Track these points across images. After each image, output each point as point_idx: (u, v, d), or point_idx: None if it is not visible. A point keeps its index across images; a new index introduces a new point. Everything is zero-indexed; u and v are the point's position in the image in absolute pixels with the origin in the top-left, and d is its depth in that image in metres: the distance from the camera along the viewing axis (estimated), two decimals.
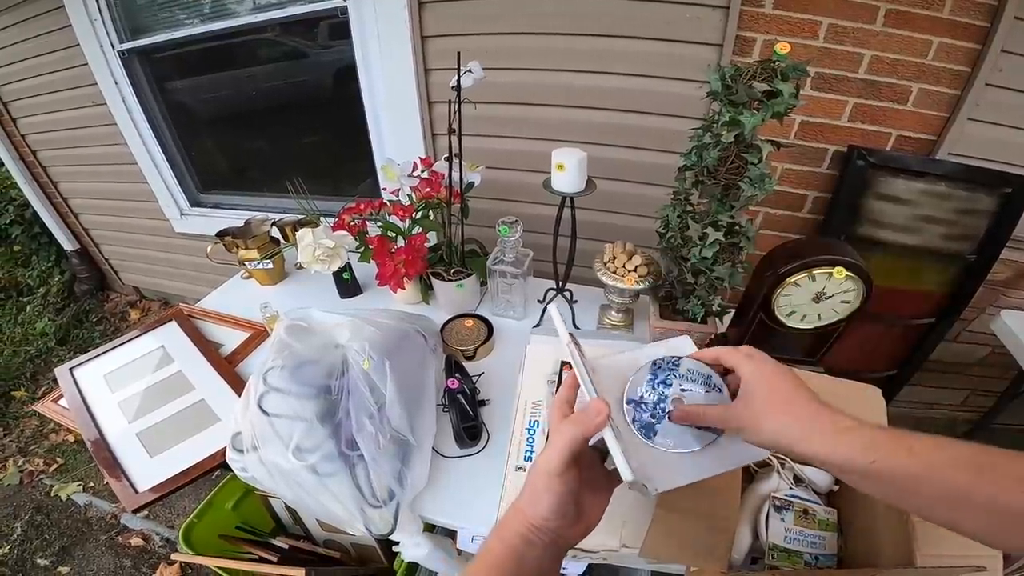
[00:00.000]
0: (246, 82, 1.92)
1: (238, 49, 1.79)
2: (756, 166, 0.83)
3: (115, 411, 1.01)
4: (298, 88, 1.85)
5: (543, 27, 1.28)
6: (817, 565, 0.74)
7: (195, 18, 1.75)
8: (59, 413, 1.07)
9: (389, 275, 1.09)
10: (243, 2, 1.65)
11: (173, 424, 0.98)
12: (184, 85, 2.03)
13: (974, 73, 1.12)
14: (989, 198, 1.23)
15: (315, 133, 1.94)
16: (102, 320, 2.86)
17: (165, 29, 1.80)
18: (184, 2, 1.74)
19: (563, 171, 0.94)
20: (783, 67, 0.75)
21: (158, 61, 1.94)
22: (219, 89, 1.99)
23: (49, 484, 1.92)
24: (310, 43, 1.69)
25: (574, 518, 0.47)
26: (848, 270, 0.83)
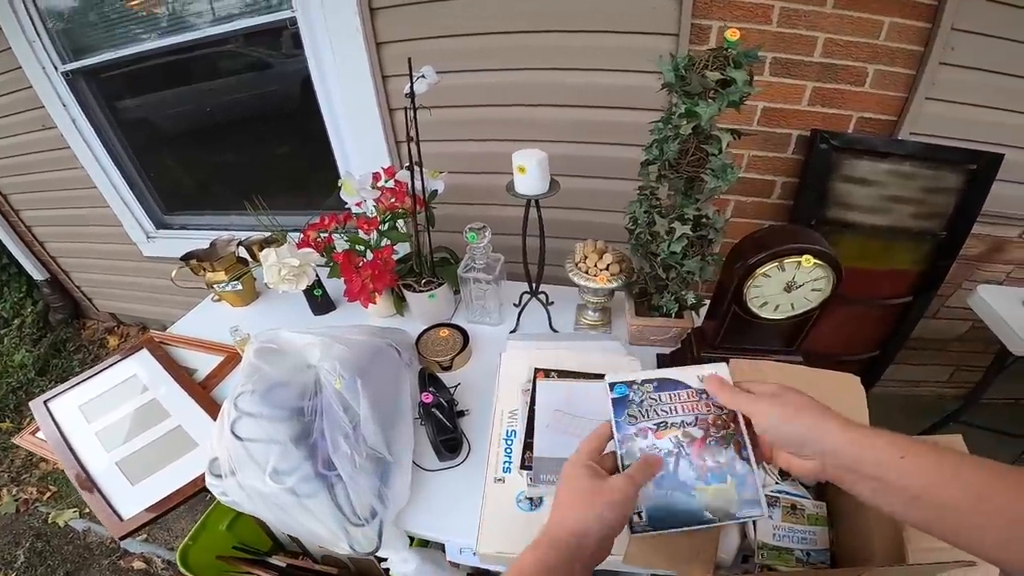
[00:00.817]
0: (206, 96, 1.86)
1: (195, 63, 1.73)
2: (717, 157, 0.83)
3: (93, 441, 1.00)
4: (262, 100, 1.80)
5: (499, 27, 1.26)
6: (809, 561, 0.73)
7: (140, 36, 1.70)
8: (38, 446, 1.06)
9: (357, 291, 1.06)
10: (193, 16, 1.60)
11: (152, 452, 0.98)
12: (138, 103, 1.96)
13: (927, 52, 1.13)
14: (954, 175, 1.24)
15: (281, 145, 1.90)
16: (80, 348, 2.82)
17: (109, 48, 1.74)
18: (127, 20, 1.69)
19: (524, 173, 0.92)
20: (734, 54, 0.74)
21: (107, 80, 1.87)
22: (177, 105, 1.93)
23: (45, 511, 1.93)
24: (274, 53, 1.64)
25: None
26: (816, 258, 0.82)
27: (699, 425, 0.57)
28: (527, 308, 1.23)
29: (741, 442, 0.56)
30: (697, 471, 0.55)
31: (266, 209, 1.34)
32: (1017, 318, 1.30)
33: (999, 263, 1.52)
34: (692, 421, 0.57)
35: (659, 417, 0.58)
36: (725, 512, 0.53)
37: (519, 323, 1.21)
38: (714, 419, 0.57)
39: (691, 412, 0.57)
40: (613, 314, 1.22)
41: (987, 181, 1.22)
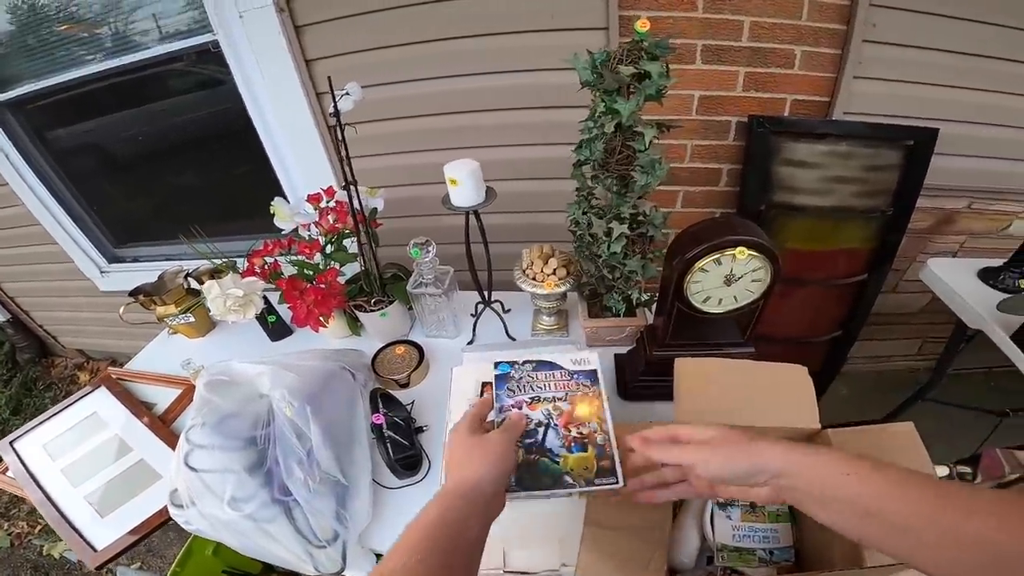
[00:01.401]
0: (150, 120, 1.78)
1: (129, 87, 1.65)
2: (644, 153, 0.82)
3: (60, 478, 1.04)
4: (210, 120, 1.72)
5: (431, 35, 1.25)
6: (772, 560, 0.72)
7: (65, 64, 1.62)
8: (8, 484, 1.08)
9: (303, 317, 1.04)
10: (113, 44, 1.54)
11: (117, 485, 1.02)
12: (73, 132, 1.87)
13: (849, 30, 1.13)
14: (893, 152, 1.25)
15: (229, 168, 1.83)
16: (51, 386, 2.78)
17: (32, 78, 1.67)
18: (48, 49, 1.61)
19: (458, 185, 0.91)
20: (647, 46, 0.73)
21: (36, 111, 1.78)
22: (115, 132, 1.85)
23: (38, 544, 1.95)
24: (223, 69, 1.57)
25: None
26: (751, 249, 0.81)
27: (568, 400, 0.66)
28: (485, 317, 1.21)
29: (603, 416, 0.65)
30: (562, 440, 0.63)
31: (204, 238, 1.31)
32: (971, 290, 1.29)
33: (951, 235, 1.54)
34: (563, 396, 0.67)
35: (534, 392, 0.67)
36: (585, 479, 0.60)
37: (475, 334, 1.20)
38: (581, 396, 0.67)
39: (562, 389, 0.67)
40: (569, 316, 1.21)
41: (925, 156, 1.24)
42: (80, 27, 1.56)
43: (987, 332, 1.22)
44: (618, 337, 1.11)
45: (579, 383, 0.68)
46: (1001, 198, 1.44)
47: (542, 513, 0.78)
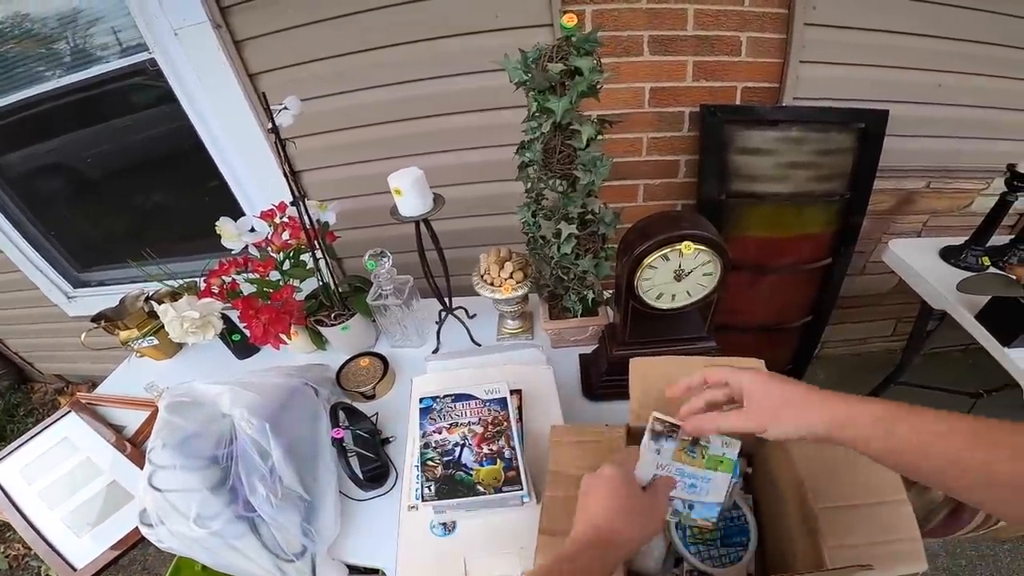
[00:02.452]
0: (96, 142, 1.72)
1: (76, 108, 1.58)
2: (584, 151, 0.81)
3: (37, 500, 1.06)
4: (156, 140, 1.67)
5: (373, 42, 1.22)
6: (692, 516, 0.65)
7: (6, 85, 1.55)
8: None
9: (260, 335, 1.03)
10: (46, 65, 1.49)
11: (91, 506, 1.04)
12: (22, 157, 1.81)
13: (791, 14, 1.13)
14: (845, 135, 1.25)
15: (186, 187, 1.78)
16: (32, 412, 2.76)
17: None
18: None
19: (402, 195, 0.90)
20: (576, 41, 0.72)
21: None
22: (66, 154, 1.79)
23: (36, 565, 1.94)
24: (163, 87, 1.52)
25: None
26: (696, 243, 0.81)
27: (480, 424, 0.79)
28: (449, 323, 1.21)
29: (510, 435, 0.78)
30: (476, 456, 0.75)
31: (156, 260, 1.30)
32: (932, 270, 1.29)
33: (912, 215, 1.54)
34: (476, 421, 0.79)
35: (452, 420, 0.79)
36: (495, 487, 0.72)
37: (439, 341, 1.19)
38: (492, 419, 0.80)
39: (476, 415, 0.80)
40: (534, 319, 1.21)
41: (878, 138, 1.24)
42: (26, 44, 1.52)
43: (951, 313, 1.22)
44: (582, 337, 1.11)
45: (491, 409, 0.81)
46: (959, 177, 1.45)
47: (502, 522, 0.78)
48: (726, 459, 0.63)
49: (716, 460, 0.63)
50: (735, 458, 0.62)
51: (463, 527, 0.79)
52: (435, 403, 0.83)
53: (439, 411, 0.82)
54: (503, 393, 0.84)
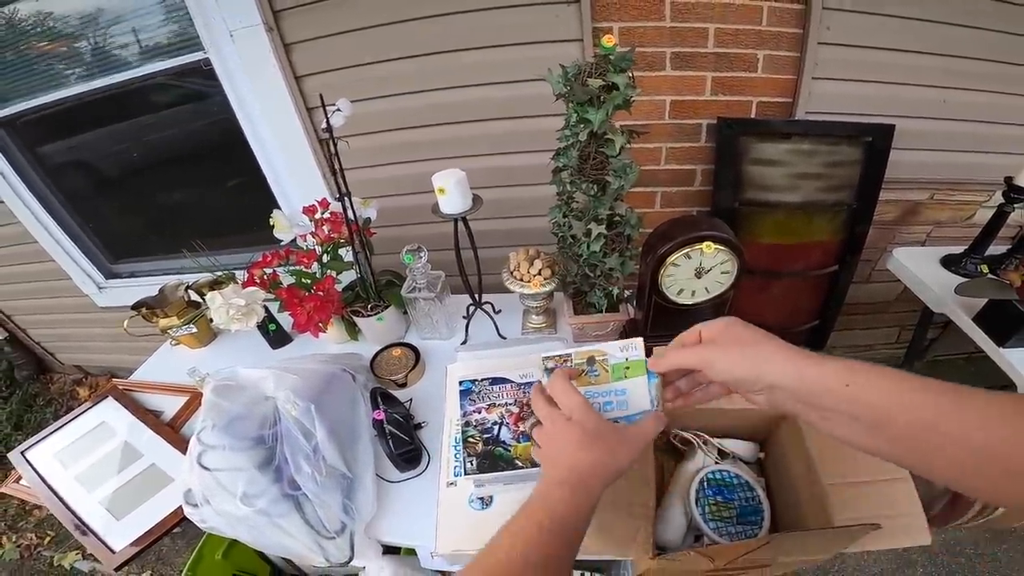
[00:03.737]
0: (142, 132, 1.80)
1: (122, 101, 1.66)
2: (616, 158, 0.88)
3: (74, 484, 1.07)
4: (202, 133, 1.74)
5: (415, 50, 1.30)
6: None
7: (56, 80, 1.65)
8: (24, 492, 1.11)
9: (304, 323, 1.10)
10: (104, 61, 1.57)
11: (131, 489, 1.05)
12: (65, 148, 1.88)
13: (806, 33, 1.20)
14: (853, 148, 1.32)
15: (223, 181, 1.86)
16: (51, 402, 2.81)
17: (23, 96, 1.69)
18: (39, 65, 1.64)
19: (445, 194, 0.97)
20: (614, 59, 0.80)
21: (27, 127, 1.79)
22: (111, 145, 1.86)
23: (48, 555, 1.96)
24: (210, 84, 1.59)
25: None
26: (716, 243, 0.88)
27: (516, 404, 0.78)
28: (476, 318, 1.27)
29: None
30: (512, 434, 0.75)
31: (205, 252, 1.36)
32: (935, 277, 1.35)
33: (917, 225, 1.61)
34: (512, 402, 0.79)
35: (490, 400, 0.80)
36: (531, 462, 0.69)
37: (468, 334, 1.26)
38: (527, 400, 0.78)
39: (512, 397, 0.80)
40: (557, 315, 1.28)
41: (884, 151, 1.31)
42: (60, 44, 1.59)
43: (950, 316, 1.29)
44: (603, 332, 1.18)
45: (525, 391, 0.82)
46: (961, 189, 1.52)
47: None
48: (631, 362, 0.61)
49: (622, 368, 0.62)
50: (641, 357, 0.61)
51: (499, 501, 0.84)
52: (474, 385, 0.87)
53: (478, 392, 0.85)
54: (536, 377, 0.89)
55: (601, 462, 0.52)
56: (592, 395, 0.61)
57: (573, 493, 0.51)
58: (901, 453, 0.39)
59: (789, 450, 0.78)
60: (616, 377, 0.61)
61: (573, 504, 0.50)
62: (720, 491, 0.80)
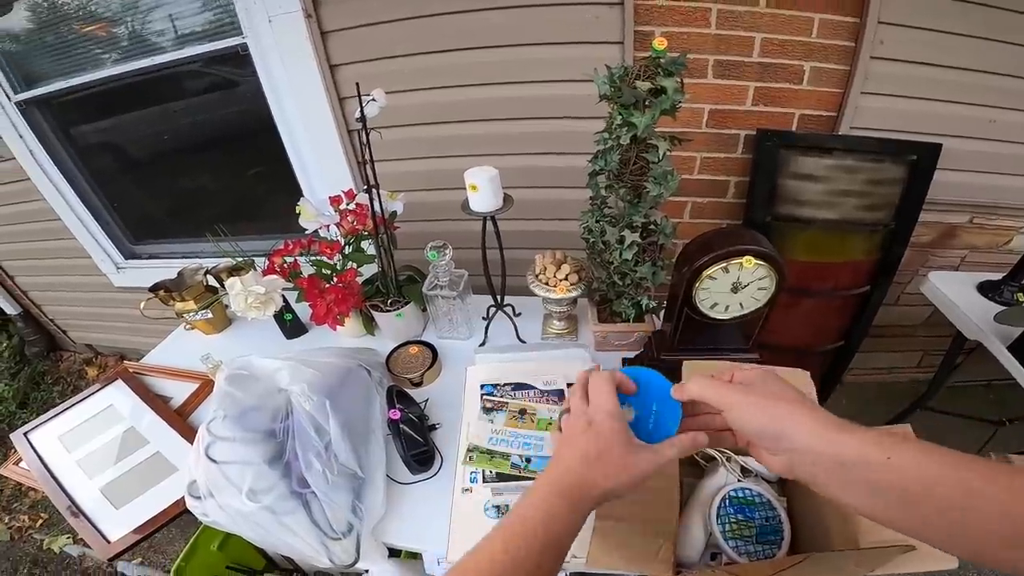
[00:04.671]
0: (170, 118, 1.82)
1: (157, 84, 1.69)
2: (658, 164, 0.85)
3: (75, 469, 1.05)
4: (228, 121, 1.76)
5: (450, 44, 1.28)
6: (529, 468, 0.78)
7: (92, 62, 1.67)
8: (23, 475, 1.10)
9: (323, 314, 1.08)
10: (141, 44, 1.59)
11: (133, 477, 1.02)
12: (98, 129, 1.91)
13: (858, 47, 1.16)
14: (896, 167, 1.27)
15: (247, 168, 1.87)
16: (59, 380, 2.81)
17: (61, 76, 1.71)
18: (77, 47, 1.66)
19: (477, 191, 0.94)
20: (664, 63, 0.77)
21: (63, 108, 1.83)
22: (140, 129, 1.89)
23: (39, 538, 1.95)
24: (240, 71, 1.60)
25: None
26: (757, 258, 0.85)
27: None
28: (496, 320, 1.25)
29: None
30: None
31: (228, 237, 1.35)
32: (969, 302, 1.32)
33: (952, 249, 1.56)
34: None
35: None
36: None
37: (487, 336, 1.23)
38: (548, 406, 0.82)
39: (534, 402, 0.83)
40: (579, 321, 1.25)
41: (928, 171, 1.26)
42: (99, 26, 1.61)
43: (985, 343, 1.25)
44: (625, 342, 1.14)
45: (549, 399, 0.85)
46: (1002, 213, 1.47)
47: None
48: (553, 420, 0.77)
49: (545, 422, 0.79)
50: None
51: None
52: (496, 390, 0.87)
53: (499, 398, 0.86)
54: (560, 385, 0.87)
55: (595, 484, 0.50)
56: (518, 436, 0.75)
57: (572, 510, 0.49)
58: (932, 528, 0.38)
59: None
60: (540, 427, 0.76)
61: (571, 521, 0.49)
62: (741, 509, 0.78)
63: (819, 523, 0.73)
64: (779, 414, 0.44)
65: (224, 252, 1.30)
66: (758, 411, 0.46)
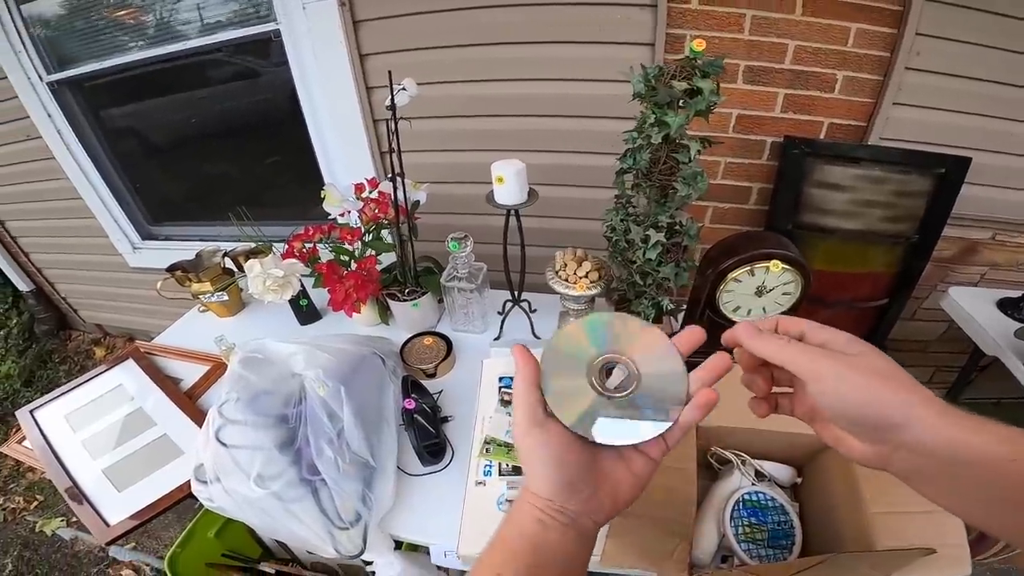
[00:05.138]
0: (194, 105, 1.85)
1: (182, 72, 1.72)
2: (688, 165, 0.85)
3: (79, 449, 1.02)
4: (250, 109, 1.79)
5: (479, 39, 1.29)
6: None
7: (125, 45, 1.70)
8: (25, 454, 1.08)
9: (341, 300, 1.08)
10: (180, 26, 1.61)
11: (138, 459, 1.00)
12: (124, 113, 1.95)
13: (893, 58, 1.15)
14: (924, 179, 1.26)
15: (269, 156, 1.90)
16: (66, 359, 2.82)
17: (94, 58, 1.74)
18: (112, 30, 1.69)
19: (503, 184, 0.94)
20: (701, 64, 0.77)
21: (93, 90, 1.87)
22: (165, 115, 1.93)
23: (32, 520, 1.93)
24: (263, 61, 1.64)
25: (586, 491, 0.39)
26: (784, 263, 0.84)
27: None
28: (511, 315, 1.24)
29: None
30: None
31: (250, 221, 1.35)
32: (989, 318, 1.33)
33: (973, 265, 1.54)
34: None
35: None
36: None
37: (502, 330, 1.23)
38: None
39: None
40: None
41: (956, 184, 1.25)
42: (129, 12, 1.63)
43: (1002, 359, 1.26)
44: None
45: None
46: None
47: None
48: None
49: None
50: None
51: None
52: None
53: None
54: None
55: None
56: None
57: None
58: None
59: (834, 476, 0.76)
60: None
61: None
62: (754, 512, 0.78)
63: (832, 529, 0.73)
64: (892, 400, 0.35)
65: (246, 236, 1.31)
66: (863, 392, 0.35)
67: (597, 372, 0.43)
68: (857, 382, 0.35)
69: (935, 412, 0.34)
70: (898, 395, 0.35)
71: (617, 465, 0.41)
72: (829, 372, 0.36)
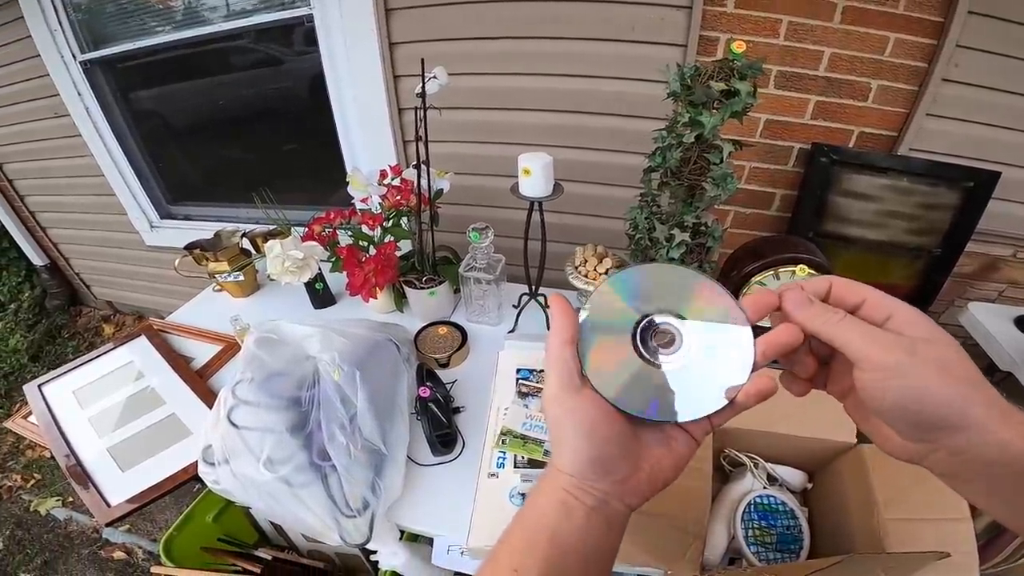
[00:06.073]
0: (218, 90, 1.88)
1: (208, 57, 1.75)
2: (718, 166, 0.84)
3: (85, 427, 1.00)
4: (272, 95, 1.82)
5: (511, 32, 1.28)
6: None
7: (159, 27, 1.73)
8: (30, 430, 1.06)
9: (359, 285, 1.07)
10: (209, 11, 1.63)
11: (144, 438, 0.98)
12: (151, 94, 1.99)
13: (931, 69, 1.14)
14: (951, 193, 1.25)
15: (289, 141, 1.93)
16: (75, 335, 2.83)
17: (127, 39, 1.77)
18: (147, 11, 1.72)
19: (529, 176, 0.94)
20: (740, 66, 0.76)
21: (122, 71, 1.91)
22: (189, 98, 1.96)
23: (28, 499, 1.92)
24: (286, 49, 1.66)
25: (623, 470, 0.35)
26: (810, 267, 0.84)
27: None
28: (526, 309, 1.24)
29: None
30: None
31: (273, 203, 1.35)
32: (1006, 335, 1.32)
33: (992, 282, 1.52)
34: None
35: None
36: None
37: (517, 323, 1.22)
38: None
39: None
40: None
41: (983, 199, 1.23)
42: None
43: (1017, 375, 1.26)
44: None
45: None
46: None
47: None
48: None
49: None
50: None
51: None
52: (532, 375, 0.86)
53: (536, 382, 0.85)
54: None
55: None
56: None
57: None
58: None
59: (847, 482, 0.76)
60: None
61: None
62: (765, 516, 0.78)
63: (842, 534, 0.73)
64: (953, 400, 0.30)
65: (269, 219, 1.31)
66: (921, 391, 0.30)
67: (643, 336, 0.37)
68: (917, 378, 0.30)
69: (997, 416, 0.29)
70: (960, 394, 0.30)
71: (659, 443, 0.37)
72: (888, 362, 0.30)
